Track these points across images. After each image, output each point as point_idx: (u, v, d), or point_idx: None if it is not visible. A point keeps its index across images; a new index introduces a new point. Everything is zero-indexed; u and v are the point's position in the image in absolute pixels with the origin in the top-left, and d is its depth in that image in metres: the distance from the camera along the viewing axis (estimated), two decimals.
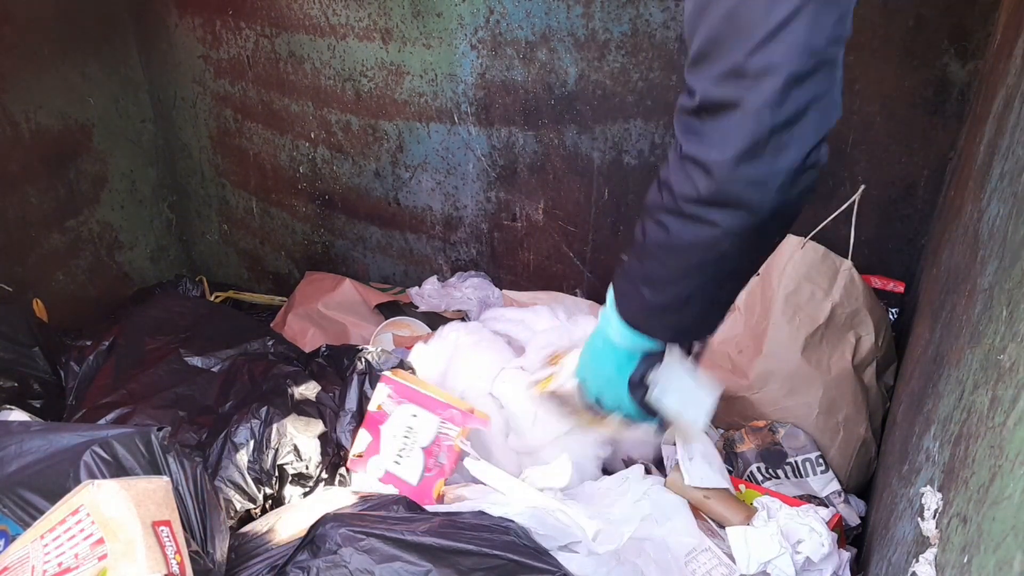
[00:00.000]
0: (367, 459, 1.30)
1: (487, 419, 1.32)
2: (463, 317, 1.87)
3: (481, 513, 1.05)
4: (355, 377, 1.38)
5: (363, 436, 1.33)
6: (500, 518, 1.03)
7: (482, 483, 1.24)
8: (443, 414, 1.29)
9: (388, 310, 2.00)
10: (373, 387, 1.37)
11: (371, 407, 1.35)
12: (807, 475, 1.29)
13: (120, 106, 2.08)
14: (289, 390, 1.39)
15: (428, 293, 1.92)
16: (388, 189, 1.93)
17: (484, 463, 1.24)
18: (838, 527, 1.18)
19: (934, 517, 0.71)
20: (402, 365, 1.41)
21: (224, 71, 2.00)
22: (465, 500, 1.18)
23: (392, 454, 1.29)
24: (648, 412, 0.87)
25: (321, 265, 2.18)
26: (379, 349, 1.44)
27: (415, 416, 1.31)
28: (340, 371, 1.50)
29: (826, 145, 0.65)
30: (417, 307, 1.93)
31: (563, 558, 0.99)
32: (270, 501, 1.24)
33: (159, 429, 0.94)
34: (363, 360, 1.40)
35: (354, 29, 1.73)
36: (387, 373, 1.37)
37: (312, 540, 0.96)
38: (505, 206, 1.79)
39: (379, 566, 0.90)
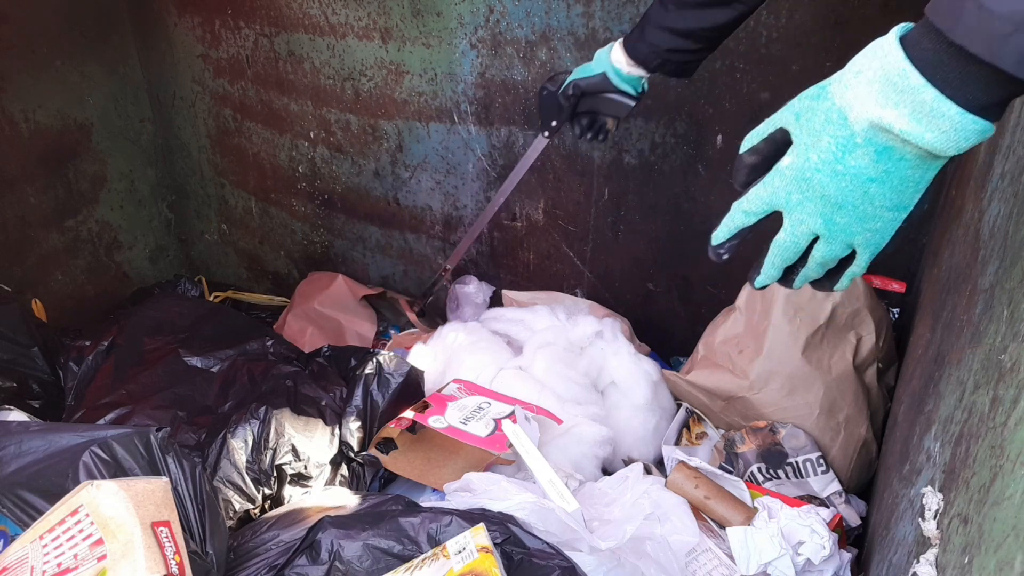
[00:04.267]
0: (427, 416, 1.31)
1: (560, 420, 1.35)
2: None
3: (483, 510, 1.05)
4: (363, 377, 1.38)
5: (422, 406, 1.35)
6: (500, 513, 1.03)
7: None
8: (516, 404, 1.34)
9: (385, 308, 2.00)
10: (381, 389, 1.37)
11: (440, 392, 1.40)
12: (808, 475, 1.29)
13: (119, 106, 2.08)
14: (288, 390, 1.38)
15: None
16: (388, 189, 1.93)
17: (520, 428, 1.27)
18: (839, 528, 1.18)
19: (935, 518, 0.71)
20: (410, 372, 1.41)
21: (223, 70, 2.00)
22: (467, 494, 1.18)
23: (459, 418, 1.32)
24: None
25: (320, 265, 2.17)
26: (391, 354, 1.44)
27: (488, 403, 1.35)
28: (342, 371, 1.50)
29: None
30: (415, 309, 1.94)
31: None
32: (269, 501, 1.24)
33: (158, 429, 0.94)
34: (374, 362, 1.40)
35: (353, 28, 1.72)
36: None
37: (311, 545, 0.96)
38: (505, 206, 1.79)
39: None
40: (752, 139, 0.63)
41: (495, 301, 1.91)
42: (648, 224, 1.64)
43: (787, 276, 0.66)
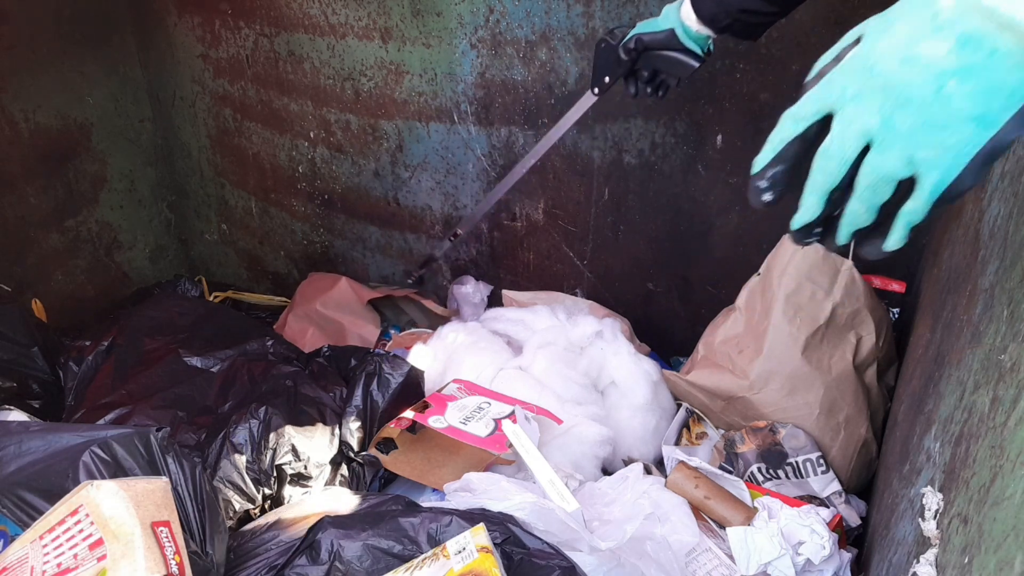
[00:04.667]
0: (427, 416, 1.31)
1: (560, 420, 1.34)
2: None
3: (483, 510, 1.05)
4: (363, 377, 1.38)
5: (422, 406, 1.35)
6: (500, 513, 1.03)
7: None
8: (516, 404, 1.34)
9: (385, 308, 2.00)
10: (381, 389, 1.37)
11: (440, 392, 1.40)
12: (808, 475, 1.29)
13: (119, 105, 2.08)
14: (288, 391, 1.38)
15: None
16: (388, 189, 1.93)
17: (520, 428, 1.27)
18: (839, 528, 1.18)
19: (935, 517, 0.71)
20: (410, 372, 1.41)
21: (223, 70, 2.00)
22: (467, 494, 1.18)
23: (459, 418, 1.31)
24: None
25: (320, 265, 2.17)
26: (391, 354, 1.44)
27: (488, 403, 1.35)
28: (342, 371, 1.50)
29: None
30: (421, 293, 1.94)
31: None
32: (269, 501, 1.24)
33: (158, 429, 0.94)
34: (373, 362, 1.40)
35: (353, 28, 1.72)
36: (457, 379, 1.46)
37: (311, 545, 0.96)
38: (505, 206, 1.79)
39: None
40: (825, 59, 0.54)
41: (494, 301, 1.91)
42: (648, 224, 1.64)
43: (831, 228, 0.54)
